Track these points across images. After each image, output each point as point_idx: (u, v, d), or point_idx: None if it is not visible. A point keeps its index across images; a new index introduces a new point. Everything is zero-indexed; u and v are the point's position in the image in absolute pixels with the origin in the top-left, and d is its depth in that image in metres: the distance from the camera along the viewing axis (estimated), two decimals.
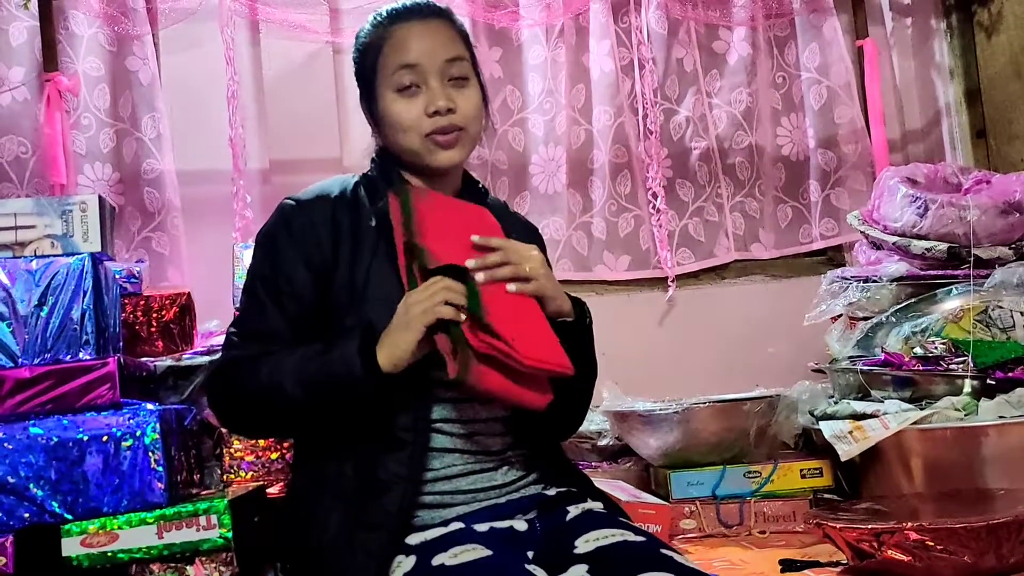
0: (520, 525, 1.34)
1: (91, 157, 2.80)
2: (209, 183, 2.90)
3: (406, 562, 1.22)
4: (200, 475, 1.90)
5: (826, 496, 2.23)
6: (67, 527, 1.55)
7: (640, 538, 1.26)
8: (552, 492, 1.41)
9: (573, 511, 1.36)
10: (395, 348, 1.23)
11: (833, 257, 3.25)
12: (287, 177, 2.92)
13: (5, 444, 1.56)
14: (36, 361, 1.60)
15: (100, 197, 1.68)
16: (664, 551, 1.23)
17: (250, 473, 2.01)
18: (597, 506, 1.40)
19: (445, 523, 1.30)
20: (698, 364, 3.01)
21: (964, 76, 3.22)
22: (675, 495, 2.19)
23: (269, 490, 1.94)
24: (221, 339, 2.27)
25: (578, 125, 3.10)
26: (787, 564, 1.85)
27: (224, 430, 2.01)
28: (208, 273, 2.79)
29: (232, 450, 2.00)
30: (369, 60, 1.41)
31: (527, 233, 1.56)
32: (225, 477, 1.99)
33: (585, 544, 1.25)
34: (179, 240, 2.84)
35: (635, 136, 3.10)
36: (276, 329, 1.34)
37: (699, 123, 3.16)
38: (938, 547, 1.61)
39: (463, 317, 1.21)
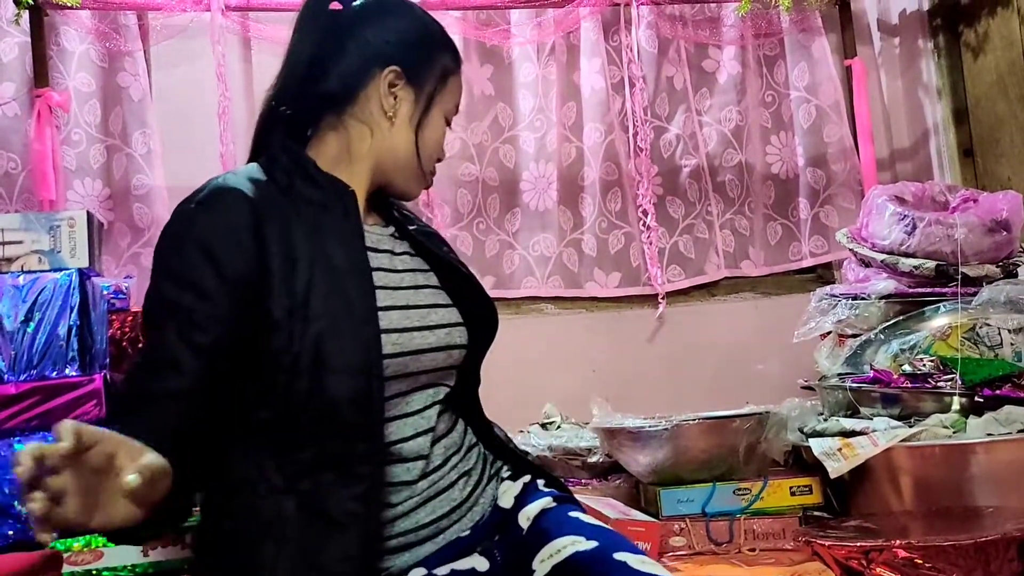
0: (481, 565, 1.27)
1: (81, 173, 2.80)
2: None
3: None
4: None
5: (816, 513, 2.23)
6: (52, 545, 1.53)
7: (591, 544, 1.19)
8: (506, 503, 1.34)
9: (524, 523, 1.29)
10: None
11: (822, 275, 3.27)
12: None
13: None
14: (22, 377, 1.60)
15: (88, 213, 1.68)
16: (617, 556, 1.16)
17: None
18: (545, 502, 1.32)
19: (406, 570, 1.21)
20: (688, 381, 3.01)
21: (951, 95, 3.24)
22: (665, 512, 2.18)
23: None
24: None
25: (569, 142, 3.11)
26: None
27: None
28: None
29: None
30: (434, 68, 1.32)
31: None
32: None
33: (541, 565, 1.19)
34: None
35: (625, 153, 3.11)
36: (185, 362, 1.12)
37: (689, 141, 3.18)
38: (927, 565, 1.61)
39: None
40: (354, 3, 1.31)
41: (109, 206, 2.83)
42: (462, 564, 1.24)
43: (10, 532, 1.54)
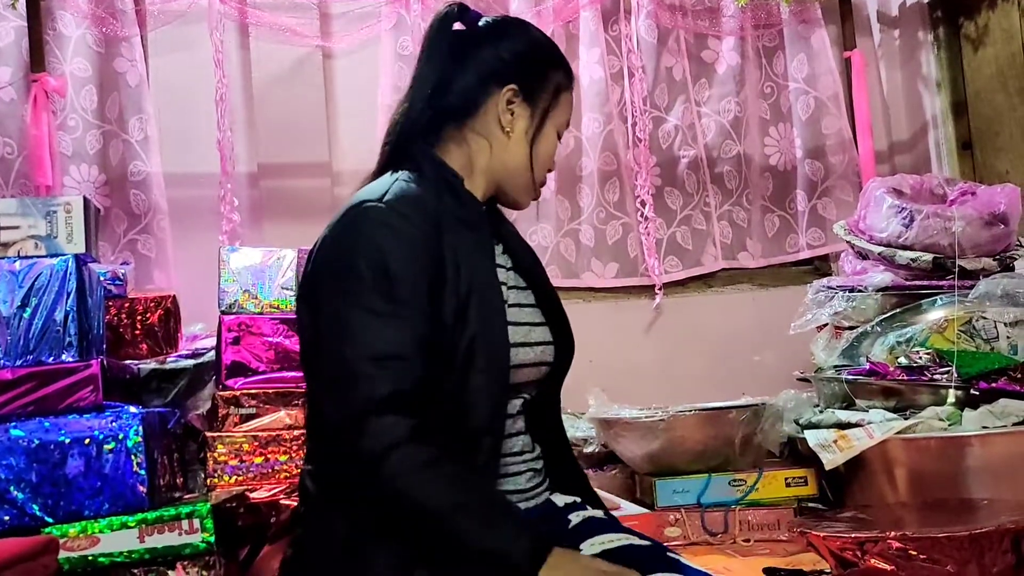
0: None
1: (77, 158, 2.79)
2: (196, 186, 2.89)
3: None
4: (183, 479, 1.88)
5: (811, 505, 2.24)
6: (47, 530, 1.53)
7: (645, 542, 1.29)
8: (560, 502, 1.42)
9: (574, 519, 1.38)
10: None
11: (819, 267, 3.27)
12: (275, 181, 2.92)
13: None
14: (18, 363, 1.59)
15: (85, 198, 1.67)
16: (670, 554, 1.26)
17: (234, 477, 1.99)
18: (598, 514, 1.42)
19: None
20: (684, 372, 3.01)
21: (951, 88, 3.24)
22: (660, 502, 2.19)
23: (253, 494, 1.93)
24: (206, 342, 2.29)
25: (568, 132, 3.10)
26: (771, 573, 1.85)
27: (210, 435, 2.00)
28: (194, 277, 2.78)
29: (216, 454, 1.99)
30: (554, 83, 1.38)
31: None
32: (209, 481, 1.98)
33: (591, 547, 1.27)
34: (165, 243, 2.83)
35: (624, 144, 3.11)
36: (407, 355, 1.17)
37: (688, 132, 3.17)
38: (921, 556, 1.61)
39: None
40: (478, 24, 1.39)
41: (105, 192, 2.82)
42: None
43: (6, 517, 1.53)
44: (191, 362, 2.08)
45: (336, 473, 1.20)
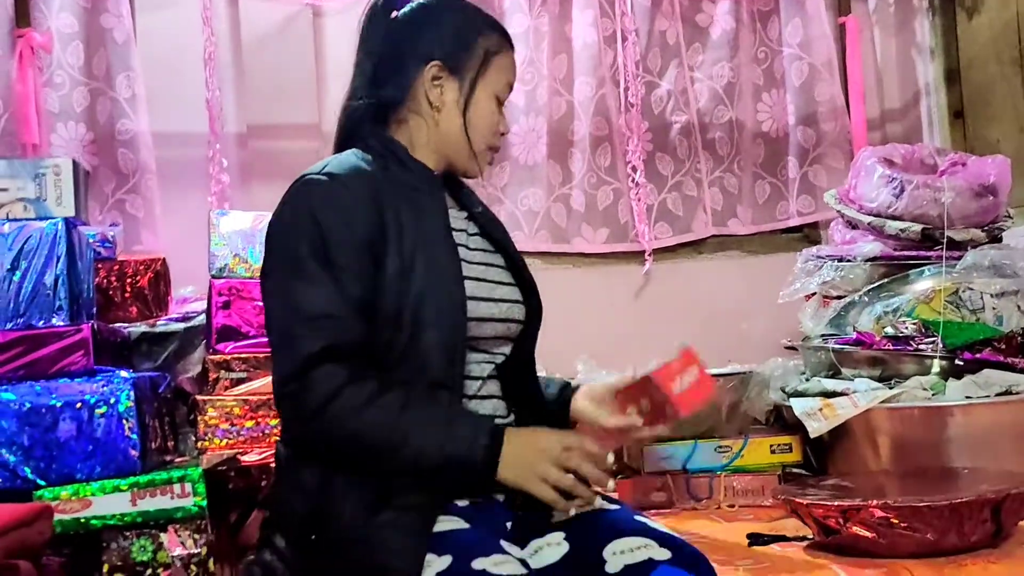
0: (499, 495, 1.35)
1: (64, 116, 2.75)
2: (185, 146, 2.87)
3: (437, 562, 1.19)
4: (175, 442, 1.90)
5: (795, 471, 2.27)
6: (40, 492, 1.55)
7: (613, 506, 1.31)
8: None
9: None
10: (515, 480, 1.22)
11: (809, 234, 3.28)
12: (265, 142, 2.89)
13: None
14: (8, 326, 1.59)
15: (74, 161, 1.66)
16: (638, 517, 1.28)
17: (224, 440, 2.00)
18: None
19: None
20: (673, 338, 2.94)
21: (944, 56, 3.23)
22: (647, 468, 2.22)
23: (244, 457, 1.94)
24: (196, 305, 2.29)
25: (560, 96, 3.09)
26: (754, 538, 1.88)
27: (200, 399, 2.01)
28: (183, 238, 2.76)
29: (207, 418, 1.99)
30: (482, 49, 1.41)
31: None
32: (199, 444, 1.98)
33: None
34: (153, 203, 2.80)
35: (616, 108, 3.09)
36: (337, 314, 1.23)
37: (680, 97, 3.16)
38: (902, 524, 1.65)
39: (578, 503, 1.22)
40: (403, 9, 1.44)
41: (93, 151, 2.79)
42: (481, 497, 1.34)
43: None
44: (181, 325, 2.08)
45: (296, 436, 1.27)
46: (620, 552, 1.20)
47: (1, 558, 1.08)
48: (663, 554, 1.19)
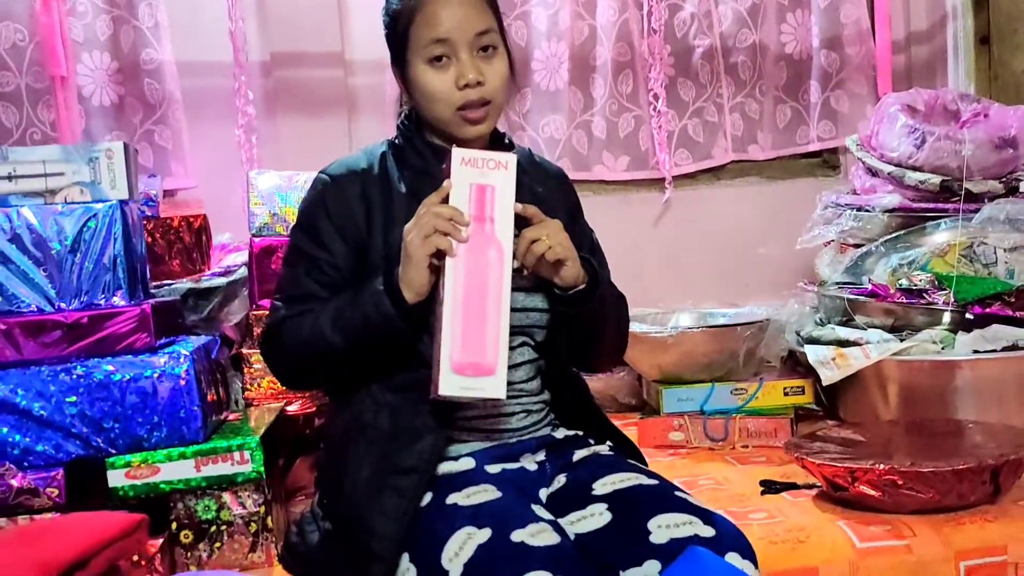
0: (530, 465, 1.47)
1: (88, 45, 2.76)
2: (209, 75, 2.87)
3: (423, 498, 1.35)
4: (226, 393, 2.00)
5: (807, 406, 2.37)
6: (112, 460, 1.67)
7: (653, 481, 1.39)
8: (560, 435, 1.53)
9: (579, 453, 1.49)
10: (411, 282, 1.34)
11: (828, 159, 3.30)
12: (289, 71, 2.89)
13: (50, 385, 1.65)
14: (72, 306, 1.68)
15: (125, 144, 1.70)
16: (677, 493, 1.36)
17: (269, 390, 2.12)
18: (603, 449, 1.53)
19: (456, 458, 1.42)
20: (692, 267, 3.11)
21: None
22: (666, 409, 2.33)
23: (288, 408, 2.07)
24: (237, 257, 2.37)
25: (582, 20, 3.06)
26: (767, 484, 2.01)
27: (246, 352, 2.11)
28: (211, 170, 2.82)
29: (252, 370, 2.11)
30: (400, 26, 1.45)
31: (557, 180, 1.65)
32: (246, 394, 2.10)
33: (602, 487, 1.38)
34: (181, 134, 2.84)
35: (639, 32, 3.07)
36: (316, 293, 1.45)
37: (704, 20, 3.12)
38: (906, 486, 1.77)
39: (454, 244, 1.31)
40: None
41: (119, 79, 2.80)
42: (512, 465, 1.45)
43: (73, 450, 1.67)
44: (224, 280, 2.16)
45: (274, 369, 1.52)
46: (666, 526, 1.28)
47: (104, 567, 1.20)
48: (707, 531, 1.27)
